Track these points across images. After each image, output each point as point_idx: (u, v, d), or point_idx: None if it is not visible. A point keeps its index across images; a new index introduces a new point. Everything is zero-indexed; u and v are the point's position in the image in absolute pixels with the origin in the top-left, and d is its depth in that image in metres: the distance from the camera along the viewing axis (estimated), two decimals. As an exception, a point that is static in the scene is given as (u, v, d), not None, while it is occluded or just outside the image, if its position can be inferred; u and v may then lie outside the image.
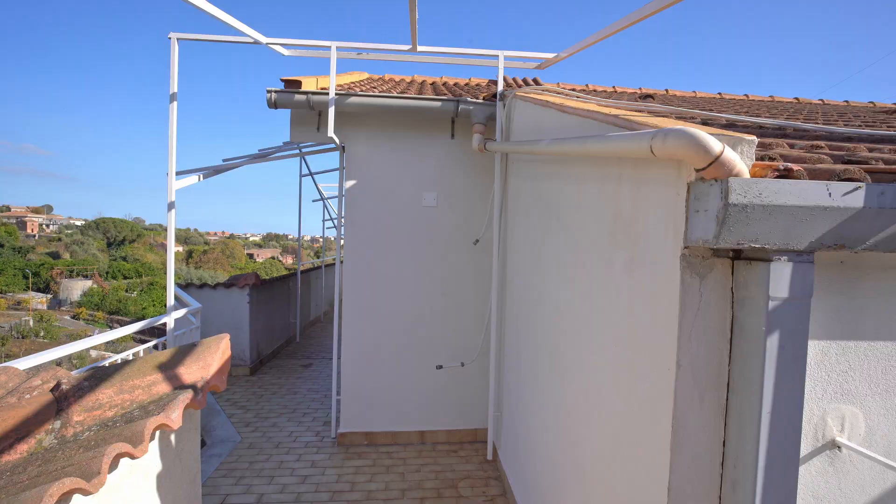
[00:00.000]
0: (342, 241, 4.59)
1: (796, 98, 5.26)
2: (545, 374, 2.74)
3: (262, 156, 5.39)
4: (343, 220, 4.52)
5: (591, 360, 2.07)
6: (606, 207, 1.90)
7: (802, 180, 1.21)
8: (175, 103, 3.69)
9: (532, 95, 3.25)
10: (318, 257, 16.09)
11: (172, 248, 3.82)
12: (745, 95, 5.29)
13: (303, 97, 4.01)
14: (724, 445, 1.42)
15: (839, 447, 1.43)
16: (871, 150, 1.84)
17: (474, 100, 4.15)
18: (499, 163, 4.02)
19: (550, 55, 3.93)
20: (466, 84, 5.90)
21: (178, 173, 3.89)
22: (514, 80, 6.00)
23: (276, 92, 4.03)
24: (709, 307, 1.36)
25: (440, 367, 4.48)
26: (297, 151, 5.89)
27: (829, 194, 1.18)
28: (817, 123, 3.09)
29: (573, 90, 5.06)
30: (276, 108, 4.06)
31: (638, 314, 1.64)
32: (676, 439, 1.42)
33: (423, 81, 6.05)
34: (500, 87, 4.02)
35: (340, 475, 3.97)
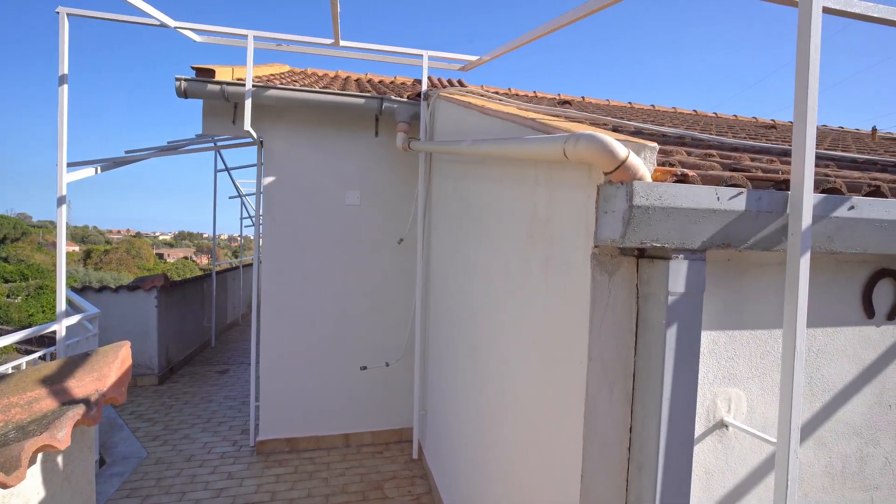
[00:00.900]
0: (261, 240, 4.38)
1: (695, 110, 5.77)
2: (467, 371, 2.79)
3: (172, 148, 5.00)
4: (262, 218, 4.31)
5: (510, 357, 2.13)
6: (524, 208, 1.97)
7: (696, 185, 1.32)
8: (66, 86, 3.31)
9: (455, 96, 3.29)
10: (235, 257, 15.26)
11: (63, 247, 3.43)
12: (652, 106, 5.71)
13: (216, 87, 3.77)
14: (630, 432, 1.52)
15: (726, 426, 1.59)
16: (752, 160, 2.05)
17: (399, 98, 4.13)
18: (423, 162, 4.03)
19: (474, 58, 4.00)
20: (392, 82, 5.86)
21: (70, 164, 3.50)
22: (439, 80, 6.05)
23: (186, 80, 3.75)
24: (617, 303, 1.45)
25: (364, 367, 4.42)
26: (212, 145, 5.53)
27: (718, 198, 1.30)
28: (711, 134, 3.41)
29: (496, 93, 5.19)
30: (186, 97, 3.78)
31: (553, 311, 1.71)
32: (588, 429, 1.50)
33: (348, 77, 5.92)
34: (425, 86, 4.03)
35: (260, 485, 3.79)
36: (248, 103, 3.59)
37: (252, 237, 13.73)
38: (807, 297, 1.32)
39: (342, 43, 3.68)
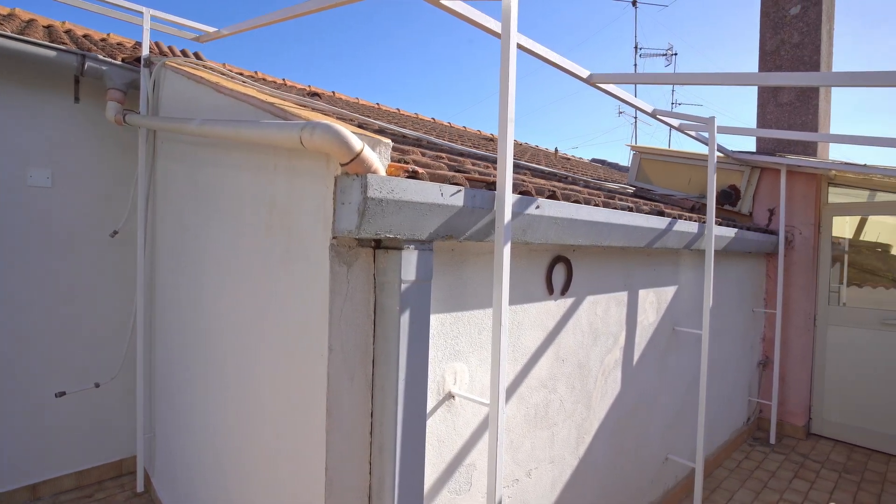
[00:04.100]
0: None
1: (433, 118, 6.44)
2: (204, 378, 2.47)
3: None
4: None
5: (252, 355, 1.97)
6: (263, 197, 1.84)
7: (425, 182, 1.44)
8: None
9: (186, 68, 2.87)
10: None
11: None
12: (398, 109, 6.13)
13: None
14: (371, 416, 1.58)
15: (454, 396, 1.80)
16: (473, 165, 2.38)
17: (110, 59, 3.36)
18: (145, 140, 3.39)
19: (211, 29, 3.55)
20: (103, 40, 4.74)
21: None
22: (170, 48, 5.19)
23: None
24: (355, 293, 1.48)
25: (62, 393, 3.48)
26: None
27: (441, 194, 1.45)
28: (445, 140, 3.85)
29: (241, 74, 4.75)
30: None
31: (294, 304, 1.64)
32: (331, 420, 1.49)
33: (33, 20, 4.53)
34: (146, 51, 3.39)
35: None
36: None
37: None
38: (508, 280, 1.59)
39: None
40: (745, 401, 4.62)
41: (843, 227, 4.91)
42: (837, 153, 6.97)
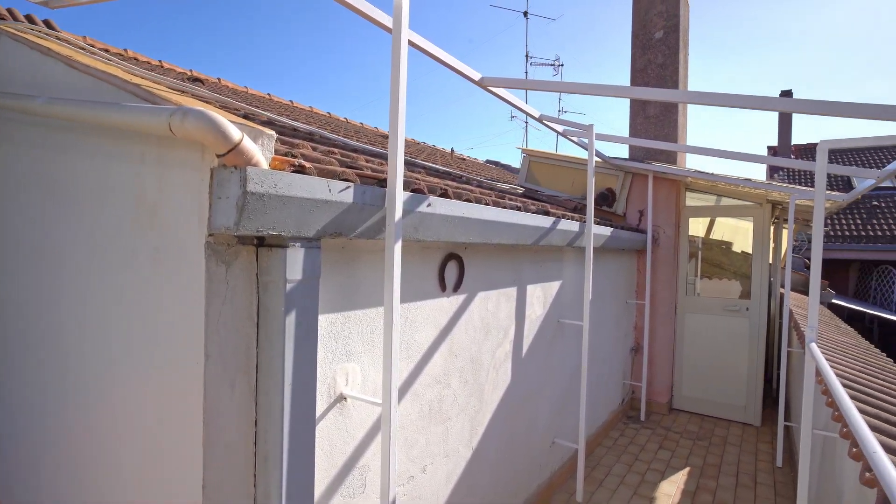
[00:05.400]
0: None
1: (329, 113, 6.24)
2: (60, 395, 2.15)
3: None
4: None
5: (119, 365, 1.75)
6: (129, 190, 1.64)
7: (312, 176, 1.38)
8: None
9: (29, 36, 2.46)
10: None
11: None
12: (291, 101, 5.84)
13: None
14: (256, 425, 1.48)
15: (346, 398, 1.76)
16: (367, 161, 2.35)
17: (-76, 19, 2.78)
18: (-24, 120, 2.86)
19: (62, -6, 3.08)
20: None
21: None
22: (9, 10, 4.43)
23: None
24: (236, 294, 1.38)
25: None
26: None
27: (329, 190, 1.40)
28: (339, 135, 3.75)
29: (106, 51, 4.21)
30: None
31: (167, 308, 1.49)
32: (209, 432, 1.38)
33: None
34: (-24, 13, 2.86)
35: None
36: None
37: None
38: (400, 278, 1.59)
39: None
40: (620, 384, 5.11)
41: (697, 227, 5.63)
42: (692, 162, 7.99)
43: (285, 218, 1.30)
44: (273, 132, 1.38)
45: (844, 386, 2.10)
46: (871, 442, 1.30)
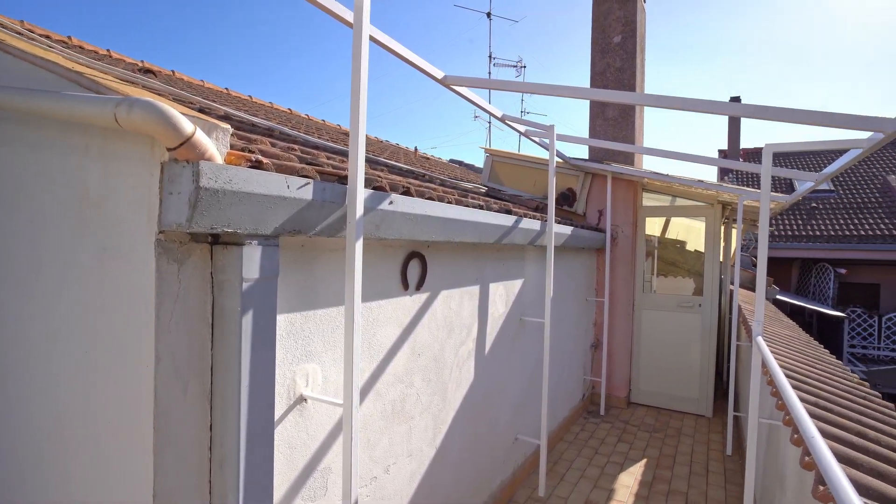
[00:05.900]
0: None
1: (290, 109, 6.10)
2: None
3: None
4: None
5: (61, 371, 1.65)
6: (72, 184, 1.55)
7: (269, 172, 1.35)
8: None
9: (-41, 20, 2.29)
10: None
11: None
12: (249, 96, 5.68)
13: None
14: (210, 429, 1.43)
15: (306, 399, 1.72)
16: (328, 158, 2.30)
17: None
18: None
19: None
20: None
21: None
22: (-63, -7, 4.11)
23: None
24: (189, 294, 1.32)
25: None
26: None
27: (288, 187, 1.37)
28: (300, 132, 3.67)
29: (48, 38, 3.97)
30: None
31: (114, 307, 1.42)
32: (160, 438, 1.32)
33: None
34: None
35: None
36: None
37: None
38: (361, 276, 1.57)
39: None
40: (580, 380, 5.23)
41: (654, 226, 5.83)
42: (649, 164, 8.27)
43: (241, 215, 1.26)
44: (229, 126, 1.33)
45: (787, 376, 2.22)
46: (810, 428, 1.37)
